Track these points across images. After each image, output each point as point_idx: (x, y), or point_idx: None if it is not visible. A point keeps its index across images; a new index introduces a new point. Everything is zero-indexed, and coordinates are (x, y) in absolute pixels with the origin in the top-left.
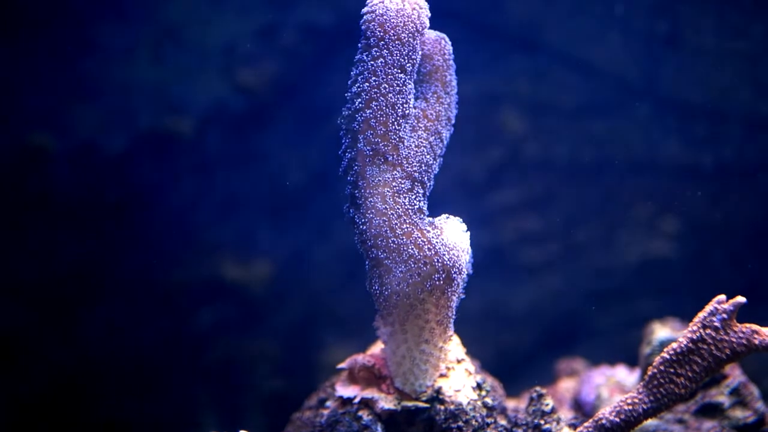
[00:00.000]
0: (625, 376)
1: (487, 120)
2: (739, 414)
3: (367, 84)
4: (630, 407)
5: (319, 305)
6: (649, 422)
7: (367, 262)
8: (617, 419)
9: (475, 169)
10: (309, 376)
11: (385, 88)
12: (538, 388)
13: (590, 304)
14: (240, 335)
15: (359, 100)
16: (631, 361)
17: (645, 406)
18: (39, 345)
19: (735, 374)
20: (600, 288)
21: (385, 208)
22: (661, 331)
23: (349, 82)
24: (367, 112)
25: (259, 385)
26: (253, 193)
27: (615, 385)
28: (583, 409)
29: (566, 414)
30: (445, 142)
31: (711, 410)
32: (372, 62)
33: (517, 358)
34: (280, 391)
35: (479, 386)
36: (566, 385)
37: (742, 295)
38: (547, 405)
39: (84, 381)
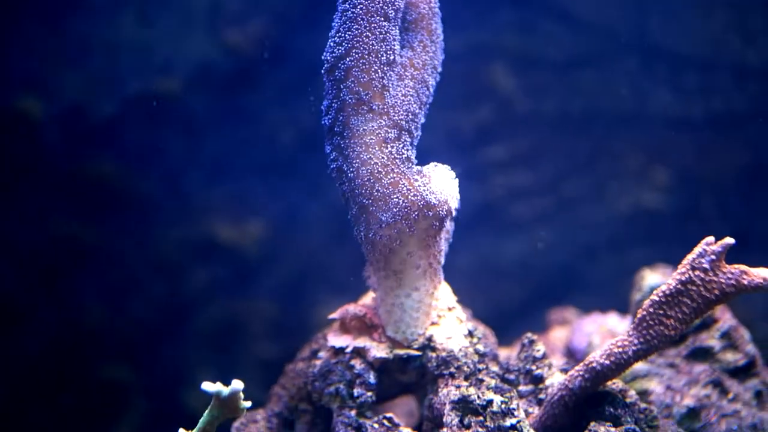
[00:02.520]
0: (617, 323)
1: (476, 75)
2: (729, 357)
3: (349, 33)
4: (620, 350)
5: (312, 264)
6: (641, 366)
7: (354, 210)
8: (607, 362)
9: (465, 125)
10: (303, 335)
11: (367, 36)
12: (529, 335)
13: (582, 256)
14: (233, 295)
15: (341, 48)
16: (624, 311)
17: (635, 348)
18: (32, 310)
19: (725, 318)
20: (591, 240)
21: (371, 158)
22: (651, 277)
23: (331, 31)
24: (349, 60)
25: (253, 344)
26: (243, 154)
27: (607, 333)
28: (575, 356)
29: (558, 361)
30: (432, 91)
31: (702, 354)
32: (353, 9)
33: (510, 311)
34: (275, 350)
35: (471, 333)
36: (558, 334)
37: (733, 245)
38: (538, 351)
39: (77, 344)
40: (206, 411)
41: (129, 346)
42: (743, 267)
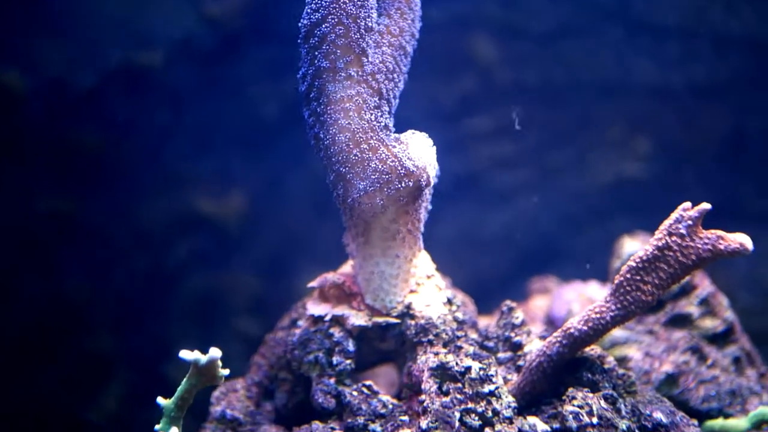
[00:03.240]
0: (597, 291)
1: (457, 45)
2: (708, 324)
3: None
4: (598, 315)
5: (294, 237)
6: (620, 333)
7: (331, 177)
8: (585, 327)
9: (446, 96)
10: (285, 308)
11: (345, 1)
12: (508, 302)
13: (564, 226)
14: (216, 268)
15: (318, 14)
16: (606, 280)
17: (612, 314)
18: (14, 282)
19: (704, 285)
20: (574, 210)
21: (349, 124)
22: (630, 244)
23: None
24: (326, 26)
25: (236, 317)
26: (226, 127)
27: (587, 300)
28: (555, 324)
29: (538, 329)
30: (410, 59)
31: (680, 321)
32: None
33: (493, 281)
34: (257, 323)
35: (450, 301)
36: (539, 303)
37: (714, 214)
38: (517, 318)
39: (61, 317)
40: (184, 379)
41: (112, 318)
42: (720, 232)
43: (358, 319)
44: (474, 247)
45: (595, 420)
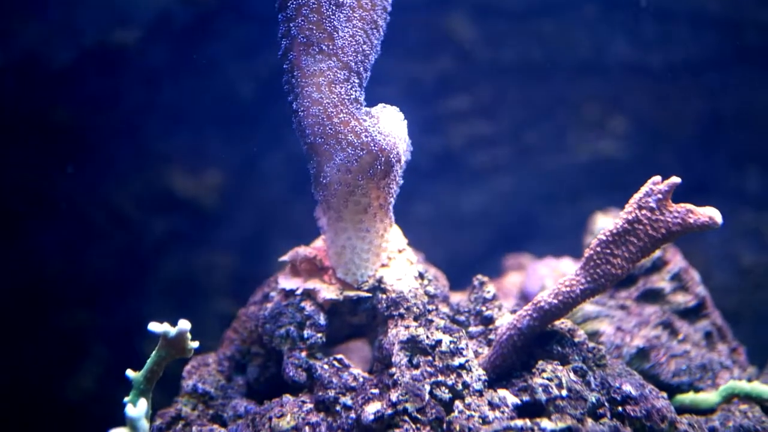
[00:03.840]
0: (571, 267)
1: (435, 25)
2: (680, 299)
3: None
4: (568, 289)
5: (271, 215)
6: (591, 308)
7: (305, 149)
8: (555, 301)
9: (424, 75)
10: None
11: None
12: (479, 276)
13: (541, 204)
14: (193, 246)
15: None
16: (578, 256)
17: (582, 287)
18: None
19: (676, 260)
20: (550, 189)
21: (321, 98)
22: (602, 220)
23: None
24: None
25: (213, 295)
26: (202, 104)
27: (560, 276)
28: (529, 300)
29: (512, 304)
30: (382, 32)
31: (652, 296)
32: None
33: (469, 259)
34: (235, 301)
35: (421, 275)
36: (513, 279)
37: (690, 192)
38: (488, 292)
39: (36, 294)
40: (154, 351)
41: (88, 296)
42: (689, 206)
43: (329, 293)
44: (451, 224)
45: (564, 392)
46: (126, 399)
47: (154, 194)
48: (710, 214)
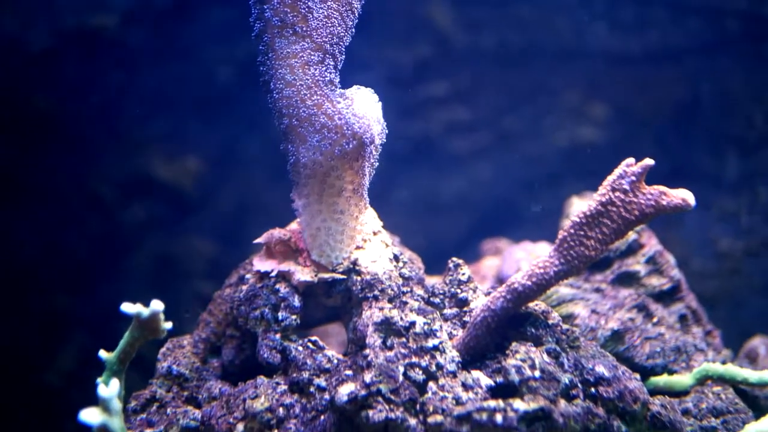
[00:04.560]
0: (546, 250)
1: (413, 10)
2: (654, 282)
3: None
4: (541, 270)
5: (250, 200)
6: (567, 291)
7: (280, 132)
8: (529, 282)
9: (403, 61)
10: None
11: None
12: (455, 259)
13: (520, 190)
14: (171, 231)
15: None
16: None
17: (556, 269)
18: None
19: (651, 243)
20: (529, 174)
21: (294, 79)
22: (578, 204)
23: None
24: None
25: (192, 280)
26: (180, 89)
27: (536, 259)
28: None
29: (488, 287)
30: (357, 14)
31: (627, 279)
32: None
33: (449, 245)
34: (214, 285)
35: (396, 258)
36: (490, 263)
37: (669, 178)
38: (463, 274)
39: (17, 279)
40: (127, 332)
41: (67, 279)
42: (662, 188)
43: (304, 275)
44: (430, 210)
45: (537, 373)
46: (99, 379)
47: (133, 179)
48: (683, 196)
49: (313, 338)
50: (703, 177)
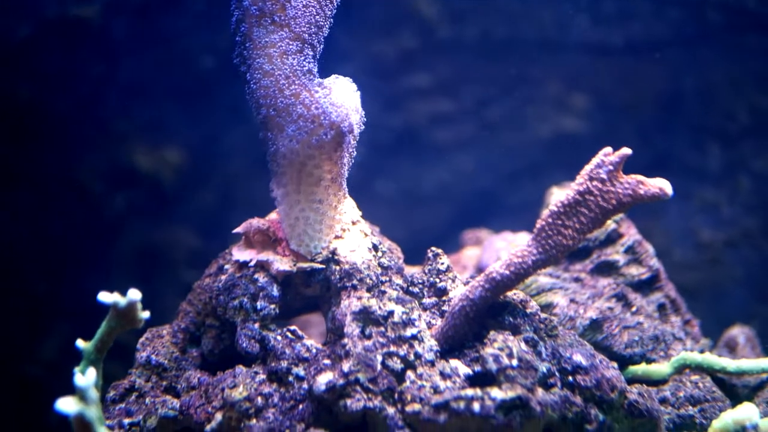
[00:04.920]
0: (526, 240)
1: (398, 1)
2: (633, 271)
3: None
4: (519, 260)
5: (232, 190)
6: (546, 281)
7: (259, 120)
8: (507, 272)
9: (387, 52)
10: None
11: None
12: (434, 249)
13: (503, 181)
14: (154, 222)
15: None
16: None
17: (534, 258)
18: None
19: (630, 233)
20: (512, 165)
21: (273, 69)
22: (558, 194)
23: None
24: None
25: (174, 269)
26: (162, 79)
27: None
28: None
29: (467, 277)
30: (336, 4)
31: (607, 268)
32: None
33: (431, 236)
34: (195, 275)
35: (375, 247)
36: (470, 253)
37: (651, 169)
38: (442, 264)
39: None
40: (104, 322)
41: (49, 270)
42: (640, 177)
43: (282, 264)
44: (413, 201)
45: (515, 362)
46: (76, 369)
47: (115, 169)
48: (660, 185)
49: (292, 327)
50: (684, 168)
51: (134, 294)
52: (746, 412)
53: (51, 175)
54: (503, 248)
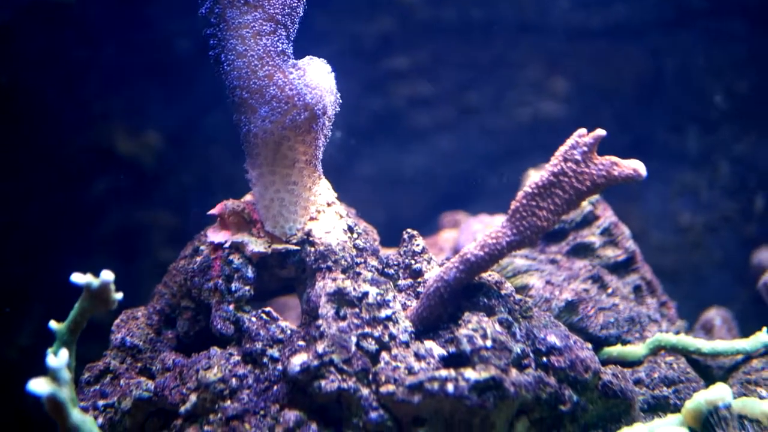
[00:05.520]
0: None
1: None
2: (609, 253)
3: None
4: (494, 241)
5: (211, 174)
6: (522, 263)
7: (233, 101)
8: (481, 253)
9: (366, 35)
10: None
11: None
12: (409, 230)
13: (482, 164)
14: (134, 205)
15: None
16: None
17: (508, 239)
18: None
19: (606, 215)
20: (491, 149)
21: (246, 50)
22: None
23: None
24: None
25: (154, 253)
26: (141, 63)
27: None
28: None
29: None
30: None
31: (583, 250)
32: None
33: (411, 219)
34: (175, 258)
35: (350, 229)
36: (447, 236)
37: (630, 152)
38: (417, 245)
39: None
40: (77, 303)
41: (28, 254)
42: (614, 158)
43: (257, 245)
44: (393, 184)
45: (489, 343)
46: (49, 350)
47: (94, 153)
48: (634, 166)
49: (267, 309)
50: (664, 152)
51: (107, 275)
52: (719, 392)
53: (31, 158)
54: (480, 230)
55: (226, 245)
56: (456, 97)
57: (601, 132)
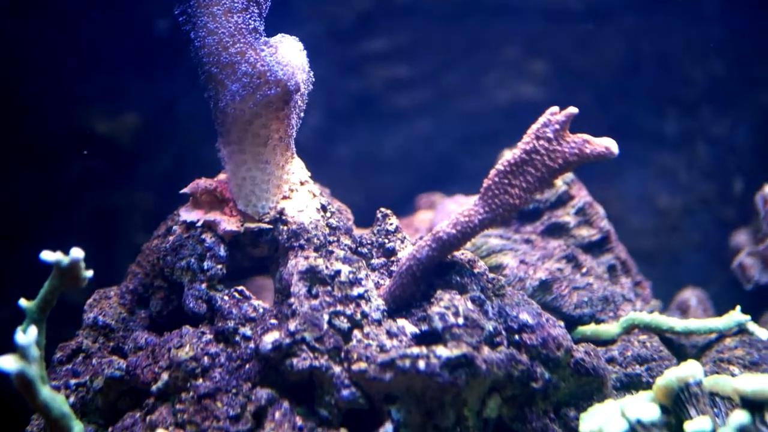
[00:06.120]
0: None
1: None
2: (584, 233)
3: None
4: (466, 219)
5: (189, 155)
6: (496, 242)
7: (203, 79)
8: (454, 231)
9: (344, 16)
10: None
11: None
12: (383, 209)
13: (460, 147)
14: (111, 187)
15: None
16: None
17: (480, 217)
18: None
19: (581, 195)
20: (469, 131)
21: (217, 27)
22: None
23: None
24: None
25: (132, 234)
26: (119, 44)
27: None
28: None
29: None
30: None
31: (557, 230)
32: None
33: (389, 201)
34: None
35: (324, 208)
36: (423, 216)
37: (608, 134)
38: (391, 224)
39: None
40: (47, 281)
41: (3, 236)
42: (586, 136)
43: (230, 224)
44: (371, 166)
45: (461, 321)
46: (19, 328)
47: (72, 134)
48: (606, 144)
49: (240, 288)
50: (642, 134)
51: (77, 252)
52: (690, 369)
53: (8, 139)
54: (455, 211)
55: (199, 224)
56: (434, 79)
57: (573, 110)
